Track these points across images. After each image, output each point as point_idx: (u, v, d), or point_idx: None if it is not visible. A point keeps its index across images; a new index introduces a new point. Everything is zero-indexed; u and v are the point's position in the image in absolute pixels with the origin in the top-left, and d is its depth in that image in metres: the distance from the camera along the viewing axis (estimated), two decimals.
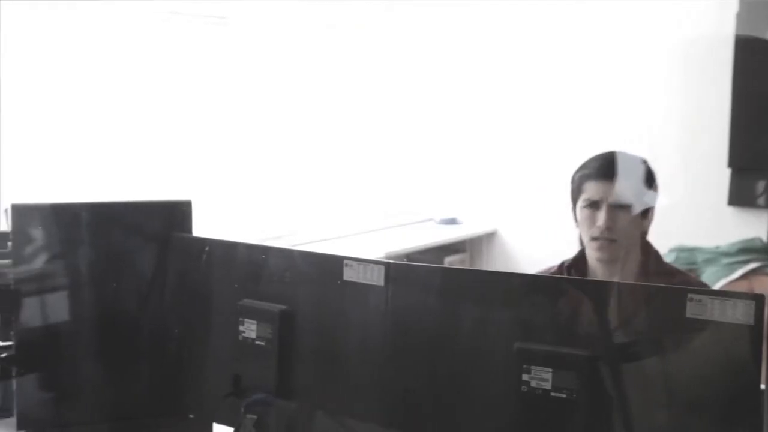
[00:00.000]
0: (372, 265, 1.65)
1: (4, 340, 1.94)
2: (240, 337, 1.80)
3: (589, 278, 2.15)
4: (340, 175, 5.18)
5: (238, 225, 4.40)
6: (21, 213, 1.89)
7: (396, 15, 5.37)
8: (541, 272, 2.29)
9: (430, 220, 5.57)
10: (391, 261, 1.66)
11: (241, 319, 1.80)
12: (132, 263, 1.96)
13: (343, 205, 5.20)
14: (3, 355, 1.92)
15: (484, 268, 5.11)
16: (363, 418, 1.67)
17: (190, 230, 1.99)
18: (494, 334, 1.54)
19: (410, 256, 4.64)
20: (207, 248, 1.89)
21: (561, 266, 2.26)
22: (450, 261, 5.22)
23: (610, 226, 2.11)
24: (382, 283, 1.63)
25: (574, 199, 2.21)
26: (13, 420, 1.89)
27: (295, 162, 4.87)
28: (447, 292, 1.62)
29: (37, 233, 1.91)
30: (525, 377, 1.45)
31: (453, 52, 5.45)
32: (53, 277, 1.93)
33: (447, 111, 5.52)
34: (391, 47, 5.39)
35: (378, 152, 5.42)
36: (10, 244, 1.88)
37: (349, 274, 1.67)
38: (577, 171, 2.21)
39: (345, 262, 1.68)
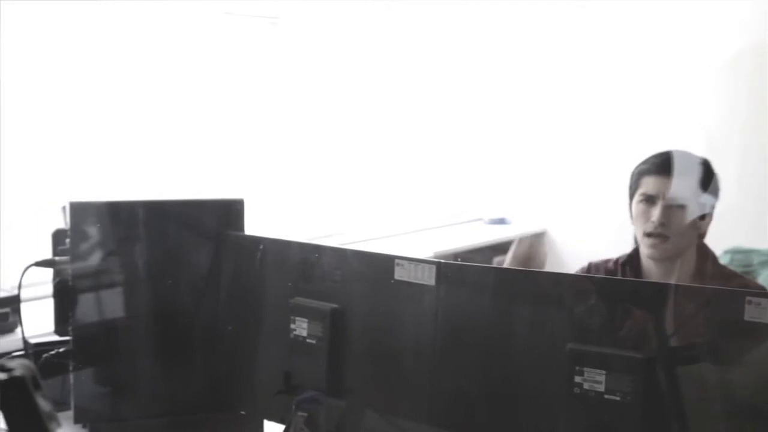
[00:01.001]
0: (423, 264, 1.65)
1: (62, 335, 1.98)
2: (291, 335, 1.82)
3: (644, 279, 2.13)
4: (388, 175, 5.18)
5: (288, 224, 4.42)
6: (79, 210, 1.92)
7: (462, 11, 5.35)
8: (596, 263, 2.27)
9: (479, 219, 5.55)
10: (442, 261, 1.65)
11: (292, 317, 1.82)
12: (187, 260, 1.99)
13: (392, 204, 5.20)
14: (61, 349, 1.96)
15: None
16: (414, 418, 1.67)
17: (242, 228, 2.01)
18: (546, 335, 1.53)
19: (459, 255, 4.63)
20: (261, 246, 1.91)
21: (616, 262, 2.23)
22: (499, 261, 5.17)
23: (664, 222, 2.08)
24: (433, 282, 1.63)
25: (631, 194, 2.18)
26: (70, 413, 1.93)
27: (344, 161, 4.88)
28: (499, 292, 1.61)
29: (95, 230, 1.94)
30: (577, 379, 1.44)
31: (506, 51, 5.42)
32: (110, 273, 1.96)
33: (497, 111, 5.50)
34: (443, 46, 5.37)
35: (427, 152, 5.41)
36: (68, 241, 1.92)
37: (400, 274, 1.68)
38: (637, 166, 2.19)
39: (396, 261, 1.68)
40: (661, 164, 2.13)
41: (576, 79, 5.16)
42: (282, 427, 1.81)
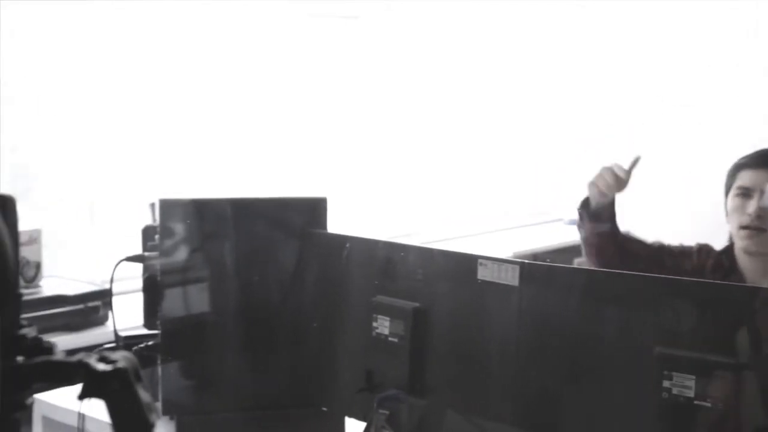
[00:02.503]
0: (506, 264, 1.64)
1: (150, 329, 2.04)
2: (373, 333, 1.82)
3: (739, 274, 2.09)
4: (468, 174, 5.15)
5: (362, 223, 4.43)
6: (168, 207, 1.97)
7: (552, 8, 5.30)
8: (694, 248, 2.24)
9: (558, 220, 5.48)
10: (526, 261, 1.64)
11: (374, 315, 1.83)
12: (272, 257, 2.02)
13: (469, 204, 5.17)
14: (150, 343, 2.01)
15: None
16: (496, 419, 1.67)
17: (325, 226, 2.02)
18: (633, 338, 1.51)
19: (538, 256, 4.57)
20: (347, 245, 1.92)
21: (713, 250, 2.20)
22: (579, 262, 5.11)
23: (761, 215, 2.05)
24: (516, 283, 1.62)
25: (727, 189, 2.17)
26: (157, 405, 1.98)
27: (420, 160, 4.88)
28: (584, 293, 1.59)
29: (182, 227, 1.99)
30: (666, 384, 1.41)
31: (586, 50, 5.35)
32: (197, 269, 2.01)
33: (577, 112, 5.42)
34: (523, 43, 5.33)
35: (507, 151, 5.37)
36: (157, 237, 1.97)
37: (483, 273, 1.67)
38: (734, 163, 2.18)
39: (479, 261, 1.67)
40: (760, 157, 2.12)
41: (656, 80, 5.06)
42: (363, 424, 1.82)
